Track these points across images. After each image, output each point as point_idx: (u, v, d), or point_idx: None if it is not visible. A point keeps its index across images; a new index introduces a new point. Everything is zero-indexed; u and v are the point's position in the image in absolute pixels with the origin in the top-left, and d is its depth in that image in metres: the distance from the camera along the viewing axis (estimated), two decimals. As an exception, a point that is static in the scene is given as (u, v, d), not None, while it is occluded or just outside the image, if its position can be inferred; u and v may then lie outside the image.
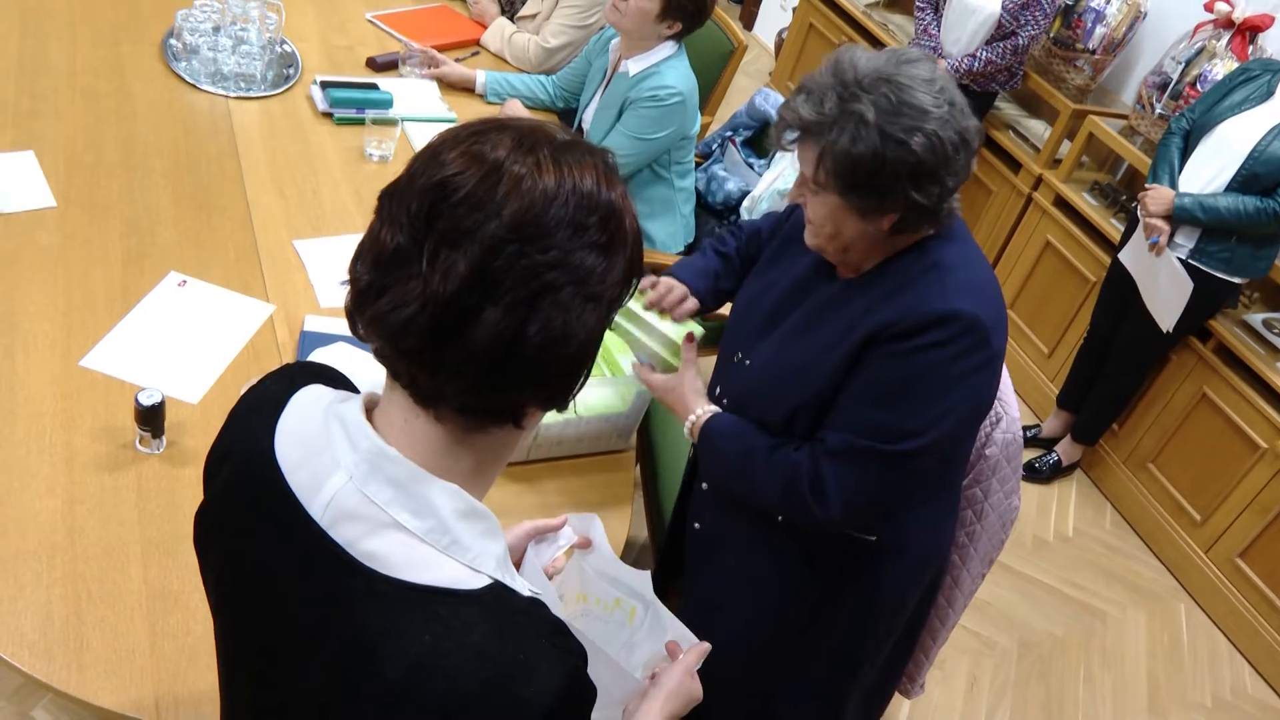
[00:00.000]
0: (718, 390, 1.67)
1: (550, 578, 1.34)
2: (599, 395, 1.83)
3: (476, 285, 0.75)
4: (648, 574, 1.29)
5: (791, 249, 1.64)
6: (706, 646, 1.21)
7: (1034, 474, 3.43)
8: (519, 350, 0.77)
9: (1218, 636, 3.12)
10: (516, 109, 2.88)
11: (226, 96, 2.54)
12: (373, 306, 0.79)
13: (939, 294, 1.40)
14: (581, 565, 1.34)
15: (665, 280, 1.77)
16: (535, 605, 0.84)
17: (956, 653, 2.75)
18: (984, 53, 3.51)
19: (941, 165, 1.34)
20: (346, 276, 0.82)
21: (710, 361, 1.78)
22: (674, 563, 1.89)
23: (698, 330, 1.75)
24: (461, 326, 0.76)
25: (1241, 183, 2.78)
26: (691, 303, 1.77)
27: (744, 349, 1.62)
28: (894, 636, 1.72)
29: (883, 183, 1.35)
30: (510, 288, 0.75)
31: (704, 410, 1.61)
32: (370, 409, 0.87)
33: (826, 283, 1.55)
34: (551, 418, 1.74)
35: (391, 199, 0.80)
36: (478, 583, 0.81)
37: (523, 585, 0.86)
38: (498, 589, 0.82)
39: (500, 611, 0.81)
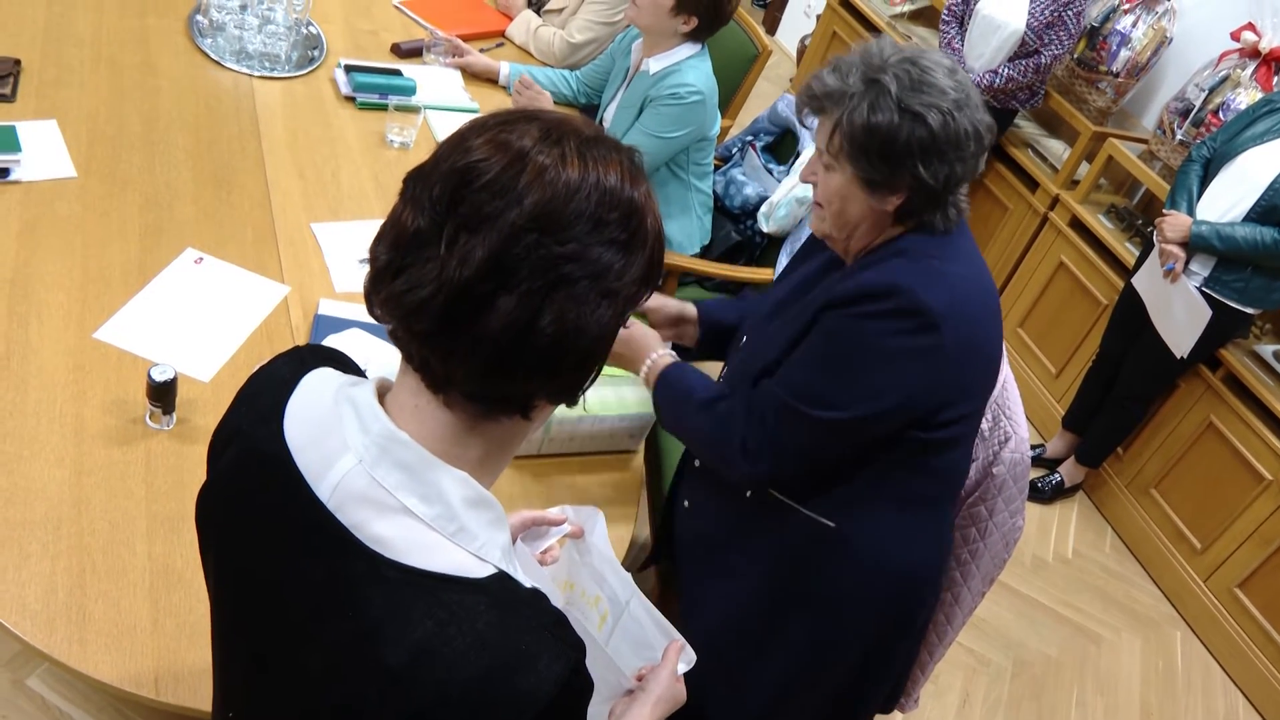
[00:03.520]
0: (724, 371, 1.74)
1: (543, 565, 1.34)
2: (616, 394, 1.83)
3: (493, 272, 0.75)
4: (629, 577, 1.29)
5: (806, 260, 1.68)
6: (680, 645, 1.20)
7: (1036, 494, 3.42)
8: (530, 340, 0.77)
9: (1212, 666, 3.11)
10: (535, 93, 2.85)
11: (250, 75, 2.54)
12: (389, 286, 0.79)
13: (888, 271, 1.43)
14: (573, 555, 1.33)
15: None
16: (538, 596, 0.84)
17: (950, 668, 2.74)
18: (1006, 69, 3.50)
19: (952, 147, 1.39)
20: (367, 256, 0.83)
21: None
22: (668, 542, 1.88)
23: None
24: (475, 312, 0.76)
25: (1260, 214, 2.77)
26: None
27: (747, 331, 1.70)
28: (856, 660, 1.65)
29: (895, 154, 1.39)
30: (526, 277, 0.76)
31: (660, 354, 1.66)
32: (382, 394, 0.87)
33: (828, 275, 1.60)
34: (567, 414, 1.74)
35: (416, 182, 0.80)
36: (483, 571, 0.81)
37: (524, 577, 0.86)
38: (503, 578, 0.82)
39: (505, 601, 0.81)
